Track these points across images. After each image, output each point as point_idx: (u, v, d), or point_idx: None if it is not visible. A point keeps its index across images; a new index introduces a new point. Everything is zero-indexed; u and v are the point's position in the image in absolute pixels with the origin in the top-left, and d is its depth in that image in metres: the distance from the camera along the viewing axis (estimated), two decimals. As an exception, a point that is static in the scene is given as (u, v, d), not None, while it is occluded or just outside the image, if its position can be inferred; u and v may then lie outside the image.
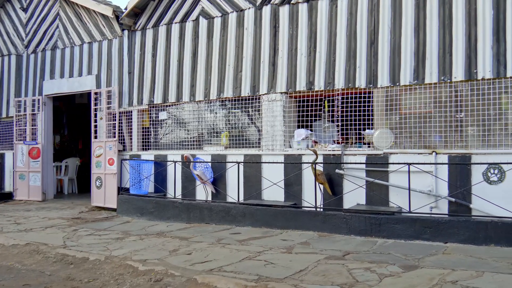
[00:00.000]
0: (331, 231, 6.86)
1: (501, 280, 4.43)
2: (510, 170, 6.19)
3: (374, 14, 7.39)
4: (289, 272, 4.87)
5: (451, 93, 6.81)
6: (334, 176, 7.50)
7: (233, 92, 8.70)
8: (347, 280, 4.54)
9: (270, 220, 7.41)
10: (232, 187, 8.40)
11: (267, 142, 8.24)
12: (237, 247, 6.17)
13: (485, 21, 6.57)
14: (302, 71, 7.97)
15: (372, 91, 7.39)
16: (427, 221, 6.27)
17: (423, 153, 6.84)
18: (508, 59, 6.38)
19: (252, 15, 8.57)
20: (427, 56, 6.94)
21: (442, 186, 6.70)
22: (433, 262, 5.18)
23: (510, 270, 4.76)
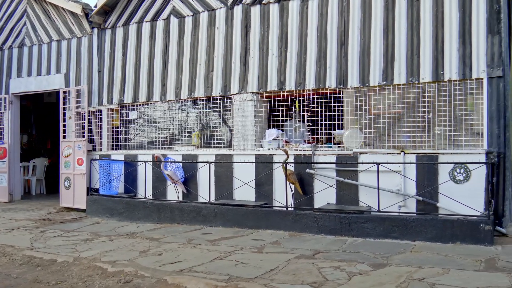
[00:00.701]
0: (302, 231, 6.91)
1: (466, 277, 4.54)
2: (475, 170, 6.34)
3: (344, 15, 7.47)
4: (260, 271, 4.89)
5: (418, 94, 6.93)
6: (305, 176, 7.55)
7: (205, 91, 8.68)
8: (317, 279, 4.58)
9: (241, 220, 7.42)
10: (203, 187, 8.37)
11: (239, 142, 8.25)
12: (208, 247, 6.16)
13: (451, 24, 6.71)
14: (273, 71, 8.00)
15: (342, 91, 7.46)
16: (395, 220, 6.38)
17: (392, 152, 6.95)
18: (473, 61, 6.53)
19: (223, 15, 8.56)
20: (395, 58, 7.05)
21: (410, 185, 6.82)
22: (401, 260, 5.27)
23: (474, 267, 4.89)
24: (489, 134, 6.39)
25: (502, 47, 6.37)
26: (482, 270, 4.78)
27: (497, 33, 6.40)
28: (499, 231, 6.26)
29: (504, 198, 6.37)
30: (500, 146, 6.34)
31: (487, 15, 6.47)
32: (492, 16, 6.43)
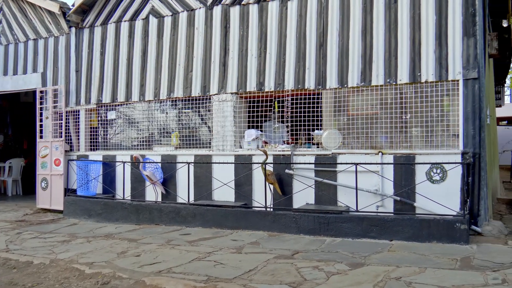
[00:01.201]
0: (281, 231, 6.94)
1: (442, 275, 4.62)
2: (451, 170, 6.44)
3: (323, 16, 7.52)
4: (239, 272, 4.90)
5: (396, 95, 7.01)
6: (284, 176, 7.58)
7: (184, 92, 8.64)
8: (296, 279, 4.61)
9: (220, 220, 7.42)
10: (183, 187, 8.34)
11: (218, 142, 8.24)
12: (187, 248, 6.15)
13: (428, 26, 6.80)
14: (252, 71, 8.02)
15: (321, 92, 7.51)
16: (373, 219, 6.45)
17: (370, 153, 7.02)
18: (449, 63, 6.63)
19: (203, 15, 8.54)
20: (373, 59, 7.12)
21: (388, 185, 6.89)
22: (379, 259, 5.33)
23: (450, 266, 4.97)
24: (465, 135, 6.50)
25: (477, 50, 6.48)
26: (457, 269, 4.86)
27: (473, 35, 6.51)
28: (475, 230, 6.37)
29: (479, 198, 6.48)
30: (476, 147, 6.45)
31: (462, 18, 6.57)
32: (468, 19, 6.54)
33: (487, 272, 4.70)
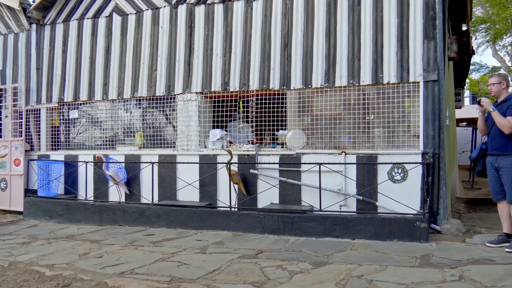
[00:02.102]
0: (246, 231, 6.95)
1: (402, 273, 4.71)
2: (412, 170, 6.59)
3: (288, 17, 7.57)
4: (202, 272, 4.88)
5: (359, 96, 7.12)
6: (248, 176, 7.60)
7: (148, 91, 8.56)
8: (259, 278, 4.63)
9: (185, 220, 7.38)
10: (147, 187, 8.26)
11: (182, 142, 8.19)
12: (150, 248, 6.09)
13: (390, 29, 6.93)
14: (217, 71, 8.00)
15: (286, 92, 7.56)
16: (336, 218, 6.52)
17: (333, 153, 7.10)
18: (410, 65, 6.78)
19: (167, 14, 8.47)
20: (337, 60, 7.21)
21: (351, 185, 6.99)
22: (342, 258, 5.40)
23: (410, 263, 5.07)
24: (425, 135, 6.65)
25: (437, 52, 6.64)
26: (417, 266, 4.97)
27: (433, 38, 6.67)
28: (434, 229, 6.53)
29: (439, 197, 6.64)
30: (435, 147, 6.61)
31: (423, 21, 6.73)
32: (428, 23, 6.70)
33: (445, 269, 4.82)
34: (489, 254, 5.39)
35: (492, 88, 5.79)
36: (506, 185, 5.58)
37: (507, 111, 5.54)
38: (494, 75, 5.94)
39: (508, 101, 5.66)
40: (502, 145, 5.60)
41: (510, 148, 5.56)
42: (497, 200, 5.82)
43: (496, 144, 5.67)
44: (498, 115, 5.54)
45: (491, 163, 5.76)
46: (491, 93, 5.81)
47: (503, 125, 5.51)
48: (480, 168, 6.00)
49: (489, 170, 5.82)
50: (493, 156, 5.71)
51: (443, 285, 4.30)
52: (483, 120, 5.92)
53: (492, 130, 5.74)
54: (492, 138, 5.74)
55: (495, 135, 5.68)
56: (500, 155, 5.62)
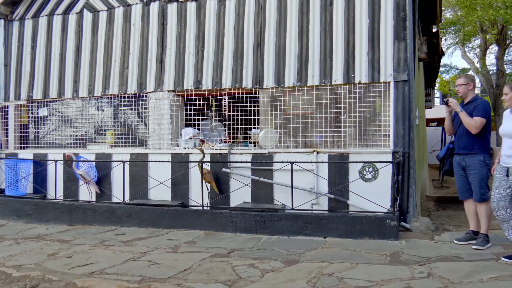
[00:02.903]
0: (218, 229, 6.93)
1: (372, 270, 4.77)
2: (382, 168, 6.67)
3: (261, 16, 7.58)
4: (174, 271, 4.85)
5: (331, 95, 7.17)
6: (221, 175, 7.58)
7: (119, 89, 8.46)
8: (231, 277, 4.62)
9: (156, 219, 7.31)
10: (118, 187, 8.16)
11: (154, 140, 8.12)
12: (121, 248, 6.02)
13: (361, 29, 7.01)
14: (190, 69, 7.96)
15: (258, 91, 7.57)
16: (308, 217, 6.56)
17: (306, 152, 7.15)
18: (381, 66, 6.87)
19: (139, 11, 8.39)
20: (309, 60, 7.25)
21: (323, 184, 7.04)
22: (313, 256, 5.43)
23: (380, 261, 5.14)
24: (395, 135, 6.75)
25: (407, 53, 6.74)
26: (387, 264, 5.03)
27: (403, 39, 6.76)
28: (404, 226, 6.63)
29: (409, 195, 6.74)
30: (405, 146, 6.71)
31: (394, 22, 6.82)
32: (399, 23, 6.80)
33: (414, 266, 4.90)
34: (457, 251, 5.50)
35: (459, 89, 5.90)
36: (473, 184, 5.70)
37: (474, 111, 5.66)
38: (461, 76, 6.05)
39: (475, 101, 5.78)
40: (469, 145, 5.72)
41: (477, 147, 5.68)
42: (464, 198, 5.94)
43: (463, 144, 5.78)
44: (466, 116, 5.65)
45: (458, 162, 5.86)
46: (459, 93, 5.92)
47: (470, 125, 5.62)
48: (448, 167, 6.10)
49: (456, 169, 5.93)
50: (460, 155, 5.82)
51: (411, 282, 4.37)
52: (450, 120, 6.04)
53: (459, 130, 5.86)
54: (459, 138, 5.85)
55: (462, 134, 5.79)
56: (467, 154, 5.73)
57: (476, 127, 5.60)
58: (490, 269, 4.73)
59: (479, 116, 5.64)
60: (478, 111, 5.66)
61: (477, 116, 5.63)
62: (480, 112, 5.66)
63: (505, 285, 4.25)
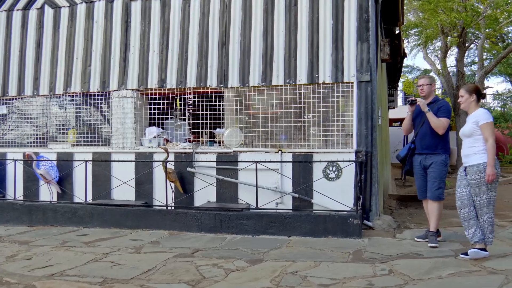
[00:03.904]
0: (182, 229, 6.88)
1: (335, 268, 4.83)
2: (346, 168, 6.75)
3: (226, 15, 7.56)
4: (137, 272, 4.80)
5: (295, 95, 7.23)
6: (185, 174, 7.53)
7: (82, 87, 8.30)
8: (194, 277, 4.60)
9: (119, 220, 7.21)
10: (80, 186, 8.01)
11: (118, 140, 8.01)
12: (83, 249, 5.92)
13: (325, 30, 7.08)
14: (154, 68, 7.88)
15: (223, 91, 7.56)
16: (273, 216, 6.58)
17: (270, 151, 7.17)
18: (345, 66, 6.95)
19: (102, 8, 8.25)
20: (274, 59, 7.28)
21: (287, 183, 7.08)
22: (277, 255, 5.46)
23: (343, 259, 5.21)
24: (358, 134, 6.84)
25: (370, 54, 6.85)
26: (350, 262, 5.11)
27: (366, 40, 6.86)
28: (366, 225, 6.73)
29: (371, 194, 6.85)
30: (368, 146, 6.81)
31: (357, 23, 6.91)
32: (362, 25, 6.90)
33: (376, 264, 4.99)
34: (418, 248, 5.62)
35: (424, 89, 5.99)
36: (431, 182, 5.82)
37: (439, 112, 5.78)
38: (424, 77, 6.17)
39: (437, 102, 5.91)
40: (433, 145, 5.83)
41: (440, 147, 5.82)
42: (423, 198, 6.06)
43: (426, 144, 5.87)
44: (433, 116, 5.74)
45: (419, 162, 5.95)
46: (422, 93, 6.01)
47: (438, 126, 5.73)
48: (408, 167, 6.17)
49: (416, 169, 6.03)
50: (423, 155, 5.91)
51: (373, 279, 4.44)
52: (410, 120, 6.13)
53: (421, 130, 5.94)
54: (421, 138, 5.93)
55: (425, 134, 5.88)
56: (429, 154, 5.84)
57: (444, 127, 5.73)
58: (449, 265, 4.87)
59: (445, 117, 5.79)
60: (443, 112, 5.79)
61: (443, 117, 5.76)
62: (446, 113, 5.81)
63: (462, 281, 4.38)
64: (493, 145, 5.05)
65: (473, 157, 5.15)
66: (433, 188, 5.80)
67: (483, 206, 5.10)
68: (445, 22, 14.06)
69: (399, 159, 6.23)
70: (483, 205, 5.09)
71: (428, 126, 5.82)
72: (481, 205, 5.11)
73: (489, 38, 19.97)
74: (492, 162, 5.01)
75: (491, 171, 4.98)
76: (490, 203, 5.09)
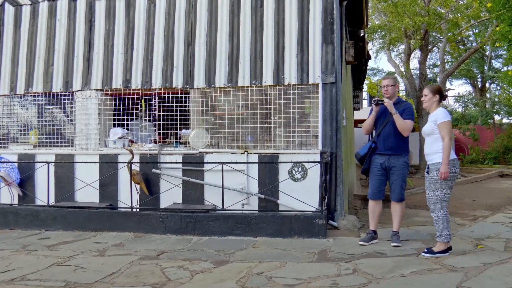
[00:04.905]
0: (148, 231, 6.81)
1: (300, 268, 4.87)
2: (311, 168, 6.82)
3: (192, 16, 7.53)
4: (100, 275, 4.73)
5: (261, 96, 7.25)
6: (151, 176, 7.46)
7: (44, 87, 8.13)
8: (160, 280, 4.57)
9: (83, 222, 7.09)
10: (42, 189, 7.82)
11: (81, 141, 7.87)
12: (45, 253, 5.79)
13: (291, 32, 7.13)
14: (118, 68, 7.78)
15: (189, 91, 7.52)
16: (239, 217, 6.59)
17: (236, 152, 7.17)
18: (310, 68, 7.02)
19: (65, 6, 8.10)
20: (240, 60, 7.29)
21: (253, 184, 7.10)
22: (243, 256, 5.47)
23: (309, 259, 5.26)
24: (323, 136, 6.92)
25: (335, 56, 6.93)
26: (315, 262, 5.16)
27: (331, 42, 6.95)
28: (332, 225, 6.80)
29: (336, 194, 6.93)
30: (333, 147, 6.89)
31: (322, 26, 6.99)
32: (327, 27, 6.98)
33: (341, 263, 5.05)
34: (381, 247, 5.72)
35: (388, 89, 6.00)
36: (394, 184, 5.90)
37: (404, 114, 5.84)
38: (389, 77, 6.22)
39: (401, 103, 5.99)
40: (396, 146, 5.90)
41: (402, 149, 5.91)
42: (376, 198, 6.07)
43: (389, 145, 5.90)
44: (400, 118, 5.79)
45: (380, 163, 5.96)
46: (387, 94, 6.02)
47: (404, 128, 5.80)
48: (367, 166, 6.12)
49: (375, 168, 6.03)
50: (385, 156, 5.93)
51: (338, 279, 4.50)
52: (373, 121, 6.10)
53: (384, 130, 5.96)
54: (385, 139, 5.94)
55: (388, 136, 5.91)
56: (392, 156, 5.89)
57: (410, 129, 5.82)
58: (411, 264, 4.97)
59: (410, 119, 5.86)
60: (408, 114, 5.87)
61: (408, 119, 5.84)
62: (411, 115, 5.90)
63: (424, 279, 4.48)
64: (449, 144, 5.17)
65: (433, 156, 5.31)
66: (397, 190, 5.88)
67: (436, 202, 5.27)
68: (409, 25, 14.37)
69: (359, 157, 6.16)
70: (436, 201, 5.27)
71: (393, 127, 5.85)
72: (434, 201, 5.29)
73: (451, 42, 20.51)
74: (446, 160, 5.13)
75: (444, 169, 5.12)
76: (443, 200, 5.25)
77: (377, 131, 6.06)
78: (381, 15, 18.10)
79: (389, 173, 5.94)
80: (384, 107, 5.93)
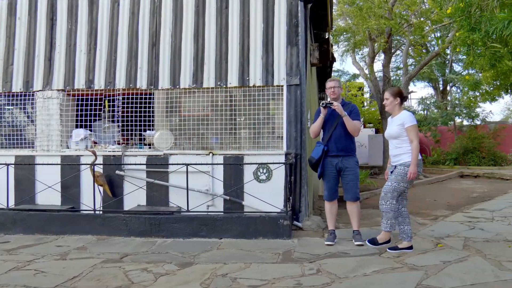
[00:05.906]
0: (111, 234, 6.71)
1: (265, 269, 4.89)
2: (276, 170, 6.85)
3: (156, 16, 7.47)
4: (61, 279, 4.63)
5: (226, 97, 7.25)
6: (114, 178, 7.36)
7: (3, 86, 7.92)
8: (123, 283, 4.51)
9: (44, 225, 6.92)
10: (1, 191, 7.58)
11: (42, 142, 7.69)
12: (4, 257, 5.63)
13: (256, 33, 7.16)
14: (81, 68, 7.65)
15: (153, 92, 7.45)
16: (204, 219, 6.56)
17: (201, 154, 7.15)
18: (275, 70, 7.06)
19: (26, 4, 7.91)
20: (205, 62, 7.27)
21: (219, 185, 7.09)
22: (208, 257, 5.45)
23: (273, 260, 5.28)
24: (288, 137, 6.96)
25: (299, 58, 6.99)
26: (279, 262, 5.18)
27: (295, 45, 7.00)
28: (296, 225, 6.85)
29: (301, 195, 6.99)
30: (297, 148, 6.94)
31: (287, 28, 7.04)
32: (291, 29, 7.03)
33: (305, 263, 5.09)
34: (345, 247, 5.79)
35: (335, 91, 6.06)
36: (349, 184, 6.00)
37: (352, 115, 5.96)
38: (334, 79, 6.25)
39: (347, 105, 6.09)
40: (347, 147, 6.02)
41: (353, 149, 6.09)
42: (332, 199, 6.16)
43: (341, 146, 5.99)
44: (350, 120, 5.90)
45: (334, 165, 6.03)
46: (333, 95, 6.04)
47: (355, 129, 5.93)
48: (322, 169, 6.11)
49: (329, 170, 6.07)
50: (338, 157, 6.00)
51: (302, 279, 4.53)
52: (321, 123, 6.07)
53: (335, 132, 6.00)
54: (336, 140, 5.99)
55: (339, 137, 5.99)
56: (345, 156, 6.00)
57: (359, 130, 5.99)
58: (374, 263, 5.06)
59: (359, 120, 6.03)
60: (356, 115, 6.02)
61: (357, 120, 5.98)
62: (359, 115, 6.09)
63: (385, 277, 4.56)
64: (417, 146, 5.40)
65: (402, 156, 5.49)
66: (353, 189, 6.00)
67: (388, 192, 5.47)
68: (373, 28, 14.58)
69: (313, 161, 6.09)
70: (389, 190, 5.46)
71: (343, 128, 5.96)
72: (387, 190, 5.48)
73: (414, 45, 20.93)
74: (415, 161, 5.36)
75: (413, 170, 5.35)
76: (395, 191, 5.45)
77: (328, 133, 6.07)
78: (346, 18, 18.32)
79: (342, 173, 6.03)
80: (332, 110, 5.95)
